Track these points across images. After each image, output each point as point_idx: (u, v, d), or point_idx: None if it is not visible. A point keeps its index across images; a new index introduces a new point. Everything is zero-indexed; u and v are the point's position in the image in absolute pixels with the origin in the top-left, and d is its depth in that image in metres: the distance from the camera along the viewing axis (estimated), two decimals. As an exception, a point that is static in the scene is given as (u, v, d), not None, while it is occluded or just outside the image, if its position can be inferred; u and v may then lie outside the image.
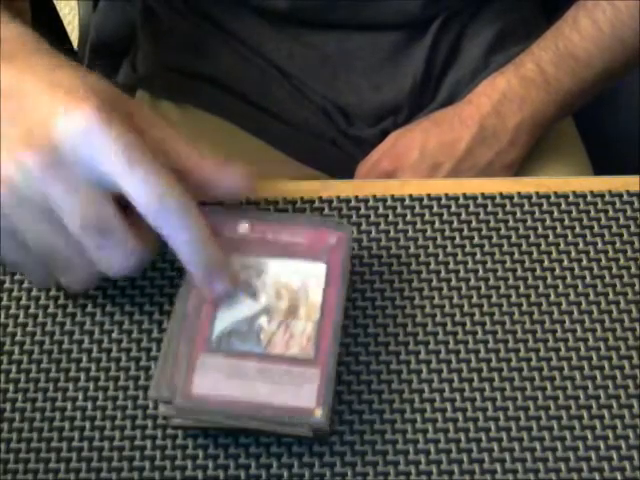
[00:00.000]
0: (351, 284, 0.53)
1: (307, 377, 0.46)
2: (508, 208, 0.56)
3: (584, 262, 0.54)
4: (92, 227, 0.44)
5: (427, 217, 0.56)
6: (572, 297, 0.53)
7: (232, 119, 0.78)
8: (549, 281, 0.54)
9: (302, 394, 0.46)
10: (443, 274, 0.54)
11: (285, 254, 0.48)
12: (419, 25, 0.76)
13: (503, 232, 0.55)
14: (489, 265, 0.54)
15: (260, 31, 0.77)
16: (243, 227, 0.49)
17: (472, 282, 0.53)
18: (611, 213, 0.56)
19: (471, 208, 0.56)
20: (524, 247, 0.55)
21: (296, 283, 0.48)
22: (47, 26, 0.91)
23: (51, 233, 0.45)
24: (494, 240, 0.55)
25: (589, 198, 0.56)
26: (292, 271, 0.48)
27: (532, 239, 0.55)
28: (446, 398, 0.50)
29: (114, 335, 0.52)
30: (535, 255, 0.54)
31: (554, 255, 0.54)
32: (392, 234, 0.55)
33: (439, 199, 0.56)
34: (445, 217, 0.56)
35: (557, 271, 0.54)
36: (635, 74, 0.82)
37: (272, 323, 0.47)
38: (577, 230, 0.55)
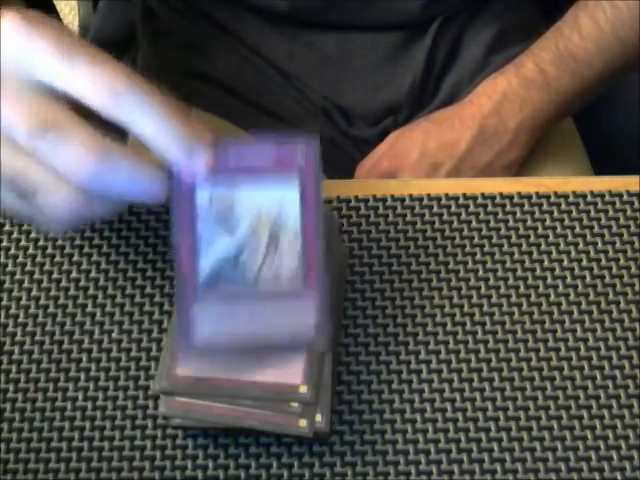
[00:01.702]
0: (351, 284, 0.53)
1: (300, 309, 0.45)
2: (508, 208, 0.56)
3: (584, 262, 0.54)
4: (40, 131, 0.40)
5: (427, 217, 0.56)
6: (572, 297, 0.53)
7: (232, 119, 0.78)
8: (549, 281, 0.54)
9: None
10: (443, 274, 0.54)
11: (254, 180, 0.45)
12: (419, 25, 0.76)
13: (503, 232, 0.55)
14: (489, 265, 0.54)
15: (260, 31, 0.77)
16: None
17: (472, 282, 0.53)
18: (611, 213, 0.56)
19: (471, 208, 0.56)
20: (524, 247, 0.55)
21: (272, 211, 0.45)
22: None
23: (6, 153, 0.41)
24: (494, 240, 0.55)
25: (589, 198, 0.56)
26: (265, 199, 0.45)
27: (532, 239, 0.55)
28: (446, 398, 0.50)
29: (114, 335, 0.52)
30: (535, 255, 0.54)
31: (554, 255, 0.54)
32: (392, 234, 0.55)
33: (439, 199, 0.56)
34: (445, 217, 0.56)
35: (557, 271, 0.54)
36: (635, 74, 0.82)
37: (256, 258, 0.45)
38: (577, 230, 0.55)
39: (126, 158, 0.41)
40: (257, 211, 0.45)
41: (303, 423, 0.46)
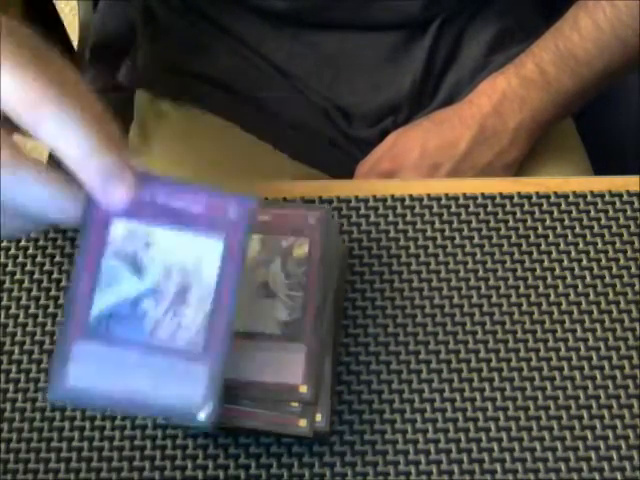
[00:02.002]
0: (351, 284, 0.53)
1: (192, 374, 0.40)
2: (508, 208, 0.56)
3: (584, 262, 0.54)
4: None
5: (427, 217, 0.56)
6: (572, 297, 0.53)
7: (232, 119, 0.78)
8: (549, 281, 0.54)
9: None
10: (443, 274, 0.54)
11: (177, 224, 0.41)
12: (419, 25, 0.76)
13: (503, 232, 0.55)
14: (489, 265, 0.54)
15: (260, 31, 0.77)
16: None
17: (472, 282, 0.53)
18: (611, 213, 0.56)
19: (471, 208, 0.56)
20: (524, 247, 0.55)
21: (189, 260, 0.41)
22: (47, 26, 0.91)
23: None
24: (494, 240, 0.55)
25: (589, 198, 0.56)
26: (186, 245, 0.41)
27: (532, 239, 0.55)
28: (446, 398, 0.50)
29: (114, 335, 0.52)
30: (535, 255, 0.54)
31: (554, 255, 0.54)
32: (392, 234, 0.55)
33: (439, 199, 0.56)
34: (445, 217, 0.56)
35: (557, 271, 0.54)
36: (635, 74, 0.82)
37: (158, 308, 0.41)
38: (577, 230, 0.55)
39: (36, 174, 0.39)
40: (173, 257, 0.41)
41: (303, 423, 0.46)
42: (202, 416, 0.40)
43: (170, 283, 0.41)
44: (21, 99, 0.38)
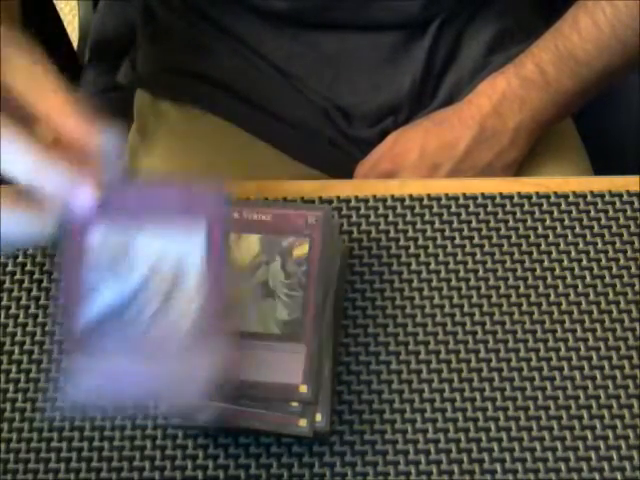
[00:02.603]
0: (351, 284, 0.53)
1: (195, 362, 0.40)
2: (508, 208, 0.56)
3: (584, 262, 0.54)
4: None
5: (427, 217, 0.56)
6: (572, 297, 0.53)
7: (232, 119, 0.78)
8: (549, 281, 0.54)
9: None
10: (443, 274, 0.54)
11: (155, 225, 0.41)
12: (419, 25, 0.76)
13: (503, 232, 0.55)
14: (489, 265, 0.54)
15: (260, 31, 0.77)
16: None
17: (472, 282, 0.53)
18: (611, 213, 0.56)
19: (471, 208, 0.56)
20: (524, 247, 0.55)
21: (172, 256, 0.41)
22: (47, 26, 0.91)
23: None
24: (494, 240, 0.55)
25: (589, 198, 0.56)
26: (166, 242, 0.41)
27: (532, 239, 0.55)
28: (446, 398, 0.50)
29: (114, 335, 0.52)
30: (535, 255, 0.54)
31: (554, 255, 0.54)
32: (392, 234, 0.55)
33: (439, 199, 0.56)
34: (445, 217, 0.56)
35: (557, 271, 0.54)
36: (635, 74, 0.82)
37: (149, 308, 0.40)
38: (577, 230, 0.55)
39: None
40: (156, 258, 0.41)
41: (303, 423, 0.46)
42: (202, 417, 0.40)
43: (157, 283, 0.41)
44: None
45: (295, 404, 0.46)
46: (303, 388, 0.46)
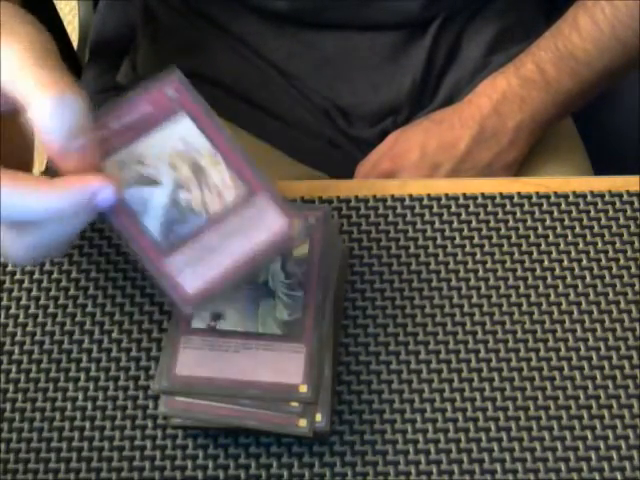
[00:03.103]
0: (351, 284, 0.53)
1: (259, 212, 0.45)
2: (508, 208, 0.56)
3: (584, 262, 0.54)
4: None
5: (427, 217, 0.56)
6: (572, 297, 0.53)
7: (232, 119, 0.77)
8: (549, 281, 0.54)
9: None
10: (443, 274, 0.54)
11: (146, 130, 0.45)
12: (419, 25, 0.76)
13: (503, 232, 0.55)
14: (489, 265, 0.54)
15: (260, 31, 0.77)
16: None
17: (472, 282, 0.53)
18: (611, 213, 0.56)
19: (471, 208, 0.56)
20: (524, 247, 0.55)
21: (178, 146, 0.45)
22: (46, 26, 0.91)
23: None
24: (494, 240, 0.55)
25: (589, 198, 0.56)
26: (165, 138, 0.45)
27: (532, 239, 0.55)
28: (446, 398, 0.50)
29: (114, 335, 0.52)
30: (535, 255, 0.54)
31: (554, 255, 0.54)
32: (392, 234, 0.55)
33: (439, 199, 0.56)
34: (445, 217, 0.56)
35: (557, 271, 0.54)
36: (635, 74, 0.82)
37: (193, 190, 0.45)
38: (577, 230, 0.55)
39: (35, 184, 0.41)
40: (165, 152, 0.45)
41: (303, 423, 0.46)
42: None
43: (182, 169, 0.45)
44: None
45: (295, 404, 0.46)
46: (303, 388, 0.46)
